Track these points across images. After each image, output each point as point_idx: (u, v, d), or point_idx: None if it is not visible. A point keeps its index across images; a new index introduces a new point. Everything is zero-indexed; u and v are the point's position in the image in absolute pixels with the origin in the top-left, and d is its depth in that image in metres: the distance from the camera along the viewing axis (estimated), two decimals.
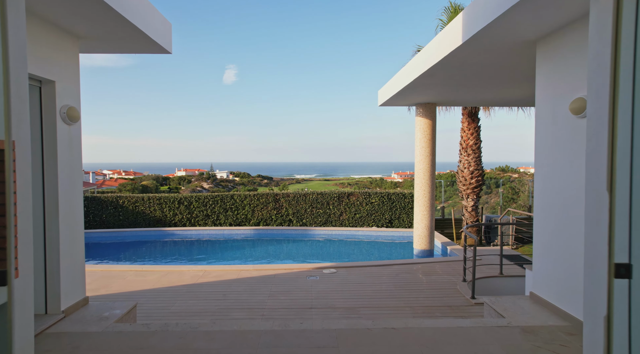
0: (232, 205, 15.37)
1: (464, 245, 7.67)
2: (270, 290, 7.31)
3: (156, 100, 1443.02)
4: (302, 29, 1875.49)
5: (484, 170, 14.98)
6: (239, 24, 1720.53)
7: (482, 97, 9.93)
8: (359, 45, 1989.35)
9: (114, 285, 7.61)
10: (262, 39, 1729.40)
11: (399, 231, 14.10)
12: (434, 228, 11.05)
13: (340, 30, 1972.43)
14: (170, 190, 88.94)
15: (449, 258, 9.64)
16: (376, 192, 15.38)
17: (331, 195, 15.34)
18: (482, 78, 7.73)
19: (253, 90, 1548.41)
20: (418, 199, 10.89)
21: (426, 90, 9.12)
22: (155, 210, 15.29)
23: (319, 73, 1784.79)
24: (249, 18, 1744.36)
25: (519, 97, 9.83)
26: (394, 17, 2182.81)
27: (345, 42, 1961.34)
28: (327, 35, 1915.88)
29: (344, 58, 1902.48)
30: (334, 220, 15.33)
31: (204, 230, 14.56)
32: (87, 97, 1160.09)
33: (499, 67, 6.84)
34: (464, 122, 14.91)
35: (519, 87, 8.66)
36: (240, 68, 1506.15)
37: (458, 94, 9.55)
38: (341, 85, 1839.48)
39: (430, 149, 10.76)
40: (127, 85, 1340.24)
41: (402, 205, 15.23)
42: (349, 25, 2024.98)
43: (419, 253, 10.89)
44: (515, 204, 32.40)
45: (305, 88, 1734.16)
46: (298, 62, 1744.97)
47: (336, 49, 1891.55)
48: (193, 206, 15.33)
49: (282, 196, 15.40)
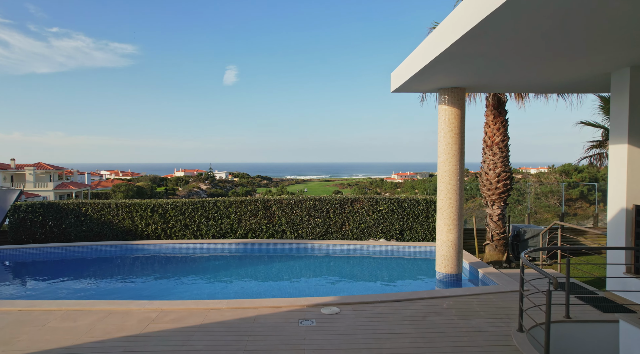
0: (215, 213, 13.06)
1: (520, 273, 5.40)
2: (245, 348, 5.02)
3: (156, 100, 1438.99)
4: (303, 29, 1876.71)
5: (512, 171, 12.70)
6: (239, 25, 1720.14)
7: (537, 77, 7.64)
8: (359, 45, 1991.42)
9: (23, 338, 5.31)
10: (263, 39, 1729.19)
11: (413, 246, 11.79)
12: (462, 245, 8.76)
13: (340, 29, 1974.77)
14: (167, 191, 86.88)
15: (488, 289, 7.33)
16: (385, 198, 13.07)
17: (332, 201, 13.04)
18: (554, 41, 5.45)
19: (253, 91, 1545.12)
20: (443, 209, 8.59)
21: (458, 67, 6.84)
22: (124, 219, 12.98)
23: (320, 73, 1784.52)
24: (250, 18, 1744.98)
25: (583, 77, 7.52)
26: (395, 16, 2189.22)
27: (346, 41, 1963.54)
28: (327, 34, 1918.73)
29: (345, 57, 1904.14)
30: (335, 230, 13.03)
31: (180, 243, 12.25)
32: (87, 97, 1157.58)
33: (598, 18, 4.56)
34: (489, 115, 12.61)
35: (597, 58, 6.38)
36: (241, 69, 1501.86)
37: (502, 73, 7.25)
38: (342, 85, 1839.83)
39: (458, 146, 8.46)
40: (127, 85, 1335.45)
41: (415, 213, 12.93)
42: (349, 25, 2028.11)
43: (444, 278, 8.59)
44: (520, 206, 30.01)
45: (305, 89, 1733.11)
46: (299, 62, 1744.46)
47: (336, 48, 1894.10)
48: (169, 214, 13.01)
49: (274, 203, 13.09)
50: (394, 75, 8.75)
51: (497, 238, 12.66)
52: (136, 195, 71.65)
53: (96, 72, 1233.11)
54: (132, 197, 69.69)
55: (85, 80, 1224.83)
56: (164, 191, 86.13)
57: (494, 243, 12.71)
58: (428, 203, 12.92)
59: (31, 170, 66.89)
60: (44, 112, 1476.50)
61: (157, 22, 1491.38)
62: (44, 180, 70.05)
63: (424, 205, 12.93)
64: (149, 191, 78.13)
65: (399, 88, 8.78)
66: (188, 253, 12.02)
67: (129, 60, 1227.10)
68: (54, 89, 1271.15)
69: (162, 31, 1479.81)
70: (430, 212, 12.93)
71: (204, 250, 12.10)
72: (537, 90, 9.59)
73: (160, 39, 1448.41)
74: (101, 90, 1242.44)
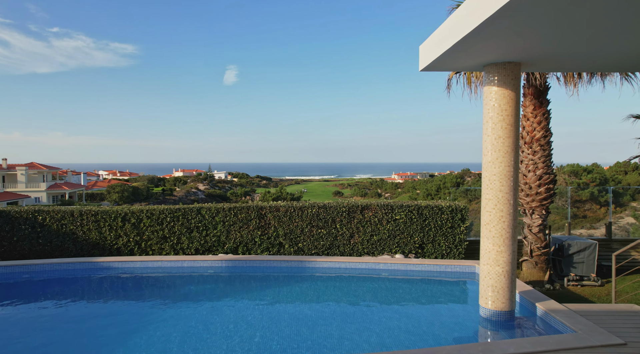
0: (198, 223, 10.92)
1: None
2: None
3: (156, 100, 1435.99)
4: (303, 29, 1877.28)
5: (555, 173, 10.57)
6: (240, 25, 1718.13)
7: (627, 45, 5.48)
8: (360, 44, 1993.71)
9: None
10: (263, 40, 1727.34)
11: (439, 265, 9.64)
12: (515, 273, 6.62)
13: (340, 30, 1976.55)
14: (164, 192, 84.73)
15: (566, 340, 5.18)
16: (402, 205, 10.93)
17: (338, 209, 10.89)
18: None
19: (254, 91, 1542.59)
20: (491, 225, 6.45)
21: (520, 29, 4.70)
22: (90, 231, 10.83)
23: (320, 74, 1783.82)
24: (250, 18, 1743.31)
25: None
26: (397, 14, 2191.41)
27: (345, 42, 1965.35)
28: (327, 35, 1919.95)
29: (345, 58, 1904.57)
30: (342, 244, 10.89)
31: (155, 261, 10.09)
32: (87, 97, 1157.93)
33: None
34: (528, 105, 10.48)
35: None
36: (241, 69, 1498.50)
37: (582, 36, 5.11)
38: (342, 85, 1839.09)
39: (512, 141, 6.33)
40: (127, 85, 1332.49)
41: (437, 223, 10.78)
42: (350, 25, 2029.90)
43: (492, 317, 6.45)
44: None
45: (305, 89, 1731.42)
46: (299, 62, 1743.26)
47: (337, 49, 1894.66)
48: (144, 225, 10.87)
49: (270, 211, 10.95)
50: (425, 49, 6.60)
51: (538, 253, 10.53)
52: (132, 196, 69.42)
53: (96, 72, 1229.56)
54: (127, 198, 67.51)
55: (86, 80, 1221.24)
56: (161, 191, 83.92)
57: (534, 260, 10.58)
58: (453, 211, 10.79)
59: (23, 170, 64.64)
60: (44, 112, 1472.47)
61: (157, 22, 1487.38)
62: (36, 180, 67.82)
63: (448, 213, 10.79)
64: (145, 192, 75.87)
65: (430, 66, 6.63)
66: (165, 272, 9.88)
67: (129, 60, 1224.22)
68: (54, 89, 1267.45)
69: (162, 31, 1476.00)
70: (456, 222, 10.80)
71: (184, 269, 9.95)
72: (619, 67, 7.28)
73: (160, 39, 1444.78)
74: (101, 90, 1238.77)
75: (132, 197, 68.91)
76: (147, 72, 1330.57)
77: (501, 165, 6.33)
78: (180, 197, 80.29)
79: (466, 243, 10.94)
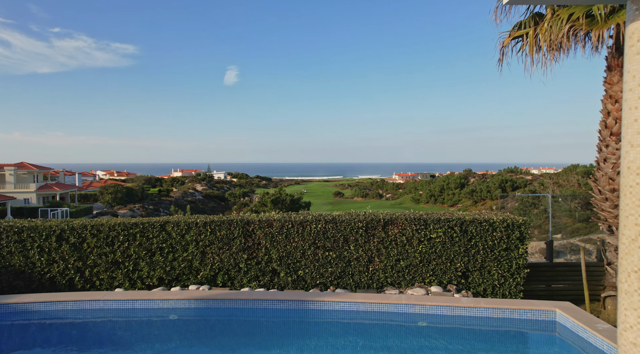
0: (162, 243, 8.01)
1: None
2: None
3: (156, 100, 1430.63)
4: (304, 29, 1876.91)
5: None
6: (240, 25, 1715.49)
7: None
8: (360, 44, 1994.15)
9: None
10: (263, 40, 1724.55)
11: (503, 306, 6.70)
12: None
13: (341, 30, 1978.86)
14: (160, 192, 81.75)
15: None
16: (438, 219, 7.98)
17: (352, 224, 7.95)
18: None
19: (254, 91, 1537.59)
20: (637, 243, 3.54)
21: None
22: (12, 253, 7.92)
23: (320, 74, 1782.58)
24: (251, 18, 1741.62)
25: None
26: (395, 15, 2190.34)
27: (346, 42, 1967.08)
28: (327, 36, 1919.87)
29: (345, 58, 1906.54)
30: (358, 272, 7.98)
31: (94, 300, 7.15)
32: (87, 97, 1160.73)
33: None
34: (617, 81, 7.57)
35: None
36: (241, 70, 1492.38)
37: None
38: (342, 85, 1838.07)
39: None
40: (127, 86, 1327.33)
41: (487, 244, 7.85)
42: (350, 24, 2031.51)
43: None
44: (536, 209, 24.54)
45: (306, 89, 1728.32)
46: (299, 62, 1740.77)
47: (337, 49, 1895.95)
48: (88, 245, 7.97)
49: (260, 227, 8.03)
50: None
51: None
52: (125, 197, 66.25)
53: (97, 72, 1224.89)
54: (120, 199, 64.39)
55: (86, 80, 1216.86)
56: (158, 192, 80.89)
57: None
58: (509, 228, 7.85)
59: (12, 171, 61.63)
60: (44, 112, 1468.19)
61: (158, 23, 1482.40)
62: (26, 181, 64.78)
63: (502, 230, 7.84)
64: (140, 192, 72.73)
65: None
66: (111, 317, 6.96)
67: (130, 61, 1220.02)
68: (54, 89, 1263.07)
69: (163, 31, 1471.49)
70: (513, 241, 7.85)
71: (137, 312, 7.01)
72: None
73: (161, 40, 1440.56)
74: (101, 90, 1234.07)
75: (125, 198, 65.81)
76: (148, 72, 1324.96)
77: None
78: (176, 198, 77.35)
79: (526, 270, 8.03)
